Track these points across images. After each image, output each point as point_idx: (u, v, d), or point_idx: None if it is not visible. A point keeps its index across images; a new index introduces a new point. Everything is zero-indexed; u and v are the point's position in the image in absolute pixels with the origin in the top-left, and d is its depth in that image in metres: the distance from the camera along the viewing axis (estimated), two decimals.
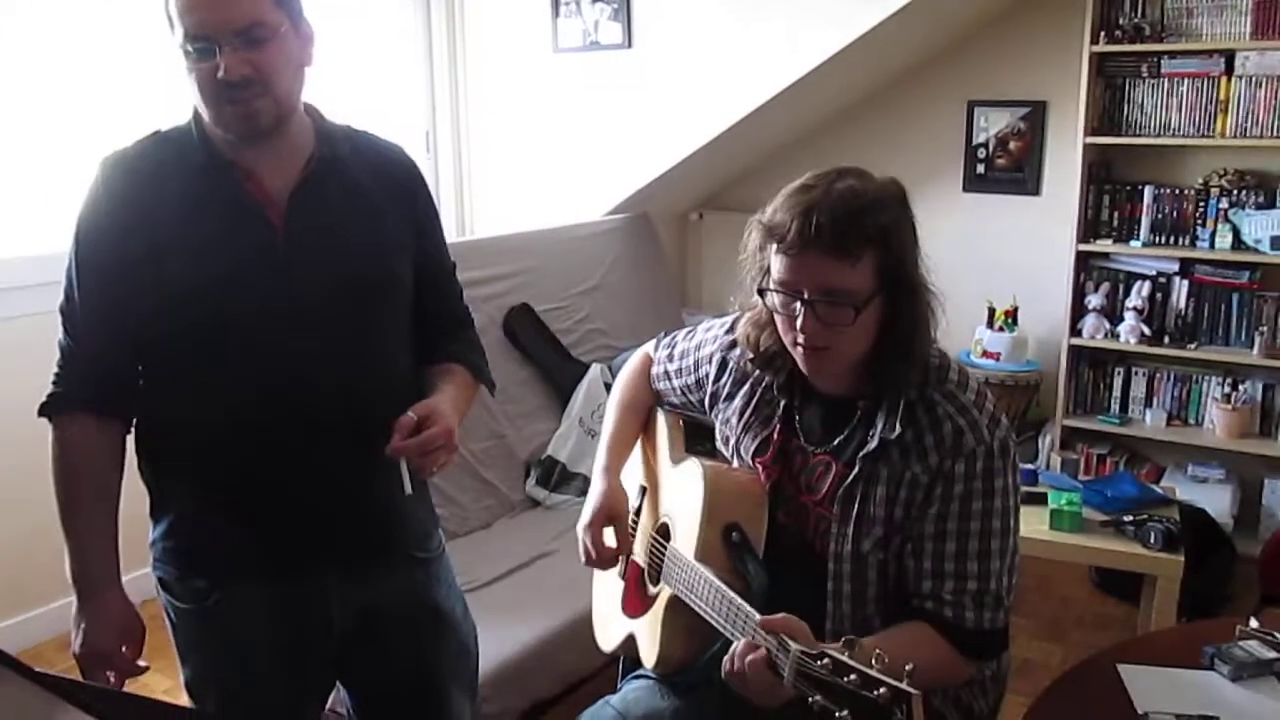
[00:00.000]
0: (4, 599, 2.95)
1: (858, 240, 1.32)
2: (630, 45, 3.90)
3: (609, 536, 1.64)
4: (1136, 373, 3.83)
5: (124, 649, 1.46)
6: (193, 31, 1.31)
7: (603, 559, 1.64)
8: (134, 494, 1.50)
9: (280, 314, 1.39)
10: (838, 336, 1.36)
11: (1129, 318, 3.71)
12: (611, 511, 1.65)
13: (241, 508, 1.43)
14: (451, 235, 4.23)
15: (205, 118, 1.39)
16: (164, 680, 2.59)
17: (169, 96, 2.59)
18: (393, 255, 1.50)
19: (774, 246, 1.38)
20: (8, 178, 3.05)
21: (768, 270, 1.41)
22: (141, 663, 1.49)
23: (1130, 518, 2.71)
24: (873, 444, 1.41)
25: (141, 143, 1.44)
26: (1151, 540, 2.62)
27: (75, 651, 1.44)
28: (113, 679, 1.46)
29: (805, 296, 1.35)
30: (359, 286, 1.45)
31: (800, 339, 1.38)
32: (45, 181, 3.05)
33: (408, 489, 1.39)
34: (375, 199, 1.49)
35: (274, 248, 1.39)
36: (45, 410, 1.43)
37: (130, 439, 1.49)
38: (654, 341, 1.82)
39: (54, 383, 1.44)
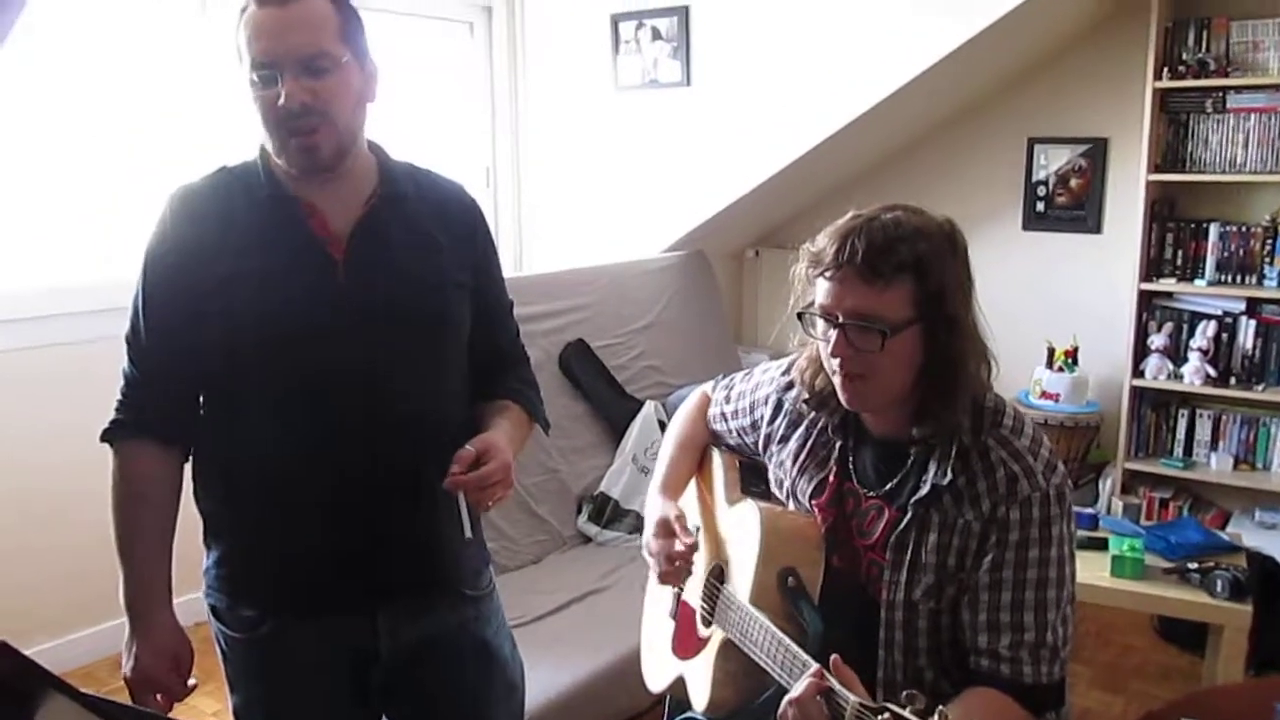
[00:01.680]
0: (59, 618, 3.03)
1: (889, 265, 1.33)
2: (689, 83, 3.93)
3: (676, 543, 1.59)
4: (1201, 415, 3.74)
5: (173, 673, 1.48)
6: (258, 59, 1.35)
7: (673, 560, 1.58)
8: (190, 518, 1.52)
9: (338, 348, 1.41)
10: (871, 364, 1.36)
11: (1193, 358, 3.63)
12: (671, 518, 1.61)
13: (294, 539, 1.45)
14: (509, 271, 4.25)
15: (270, 151, 1.42)
16: (213, 703, 2.62)
17: (236, 133, 2.66)
18: (450, 292, 1.52)
19: (815, 271, 1.40)
20: (79, 207, 3.15)
21: (814, 299, 1.42)
22: (190, 681, 1.50)
23: (1195, 565, 2.64)
24: (924, 489, 1.39)
25: (208, 177, 1.48)
26: (1217, 589, 2.54)
27: (126, 675, 1.47)
28: (160, 701, 1.48)
29: (839, 320, 1.36)
30: (417, 322, 1.47)
31: (835, 365, 1.38)
32: (113, 211, 3.15)
33: (468, 533, 1.40)
34: (435, 236, 1.51)
35: (334, 282, 1.42)
36: (107, 436, 1.46)
37: (187, 467, 1.52)
38: (712, 382, 1.82)
39: (116, 409, 1.47)
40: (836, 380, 1.41)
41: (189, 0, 3.28)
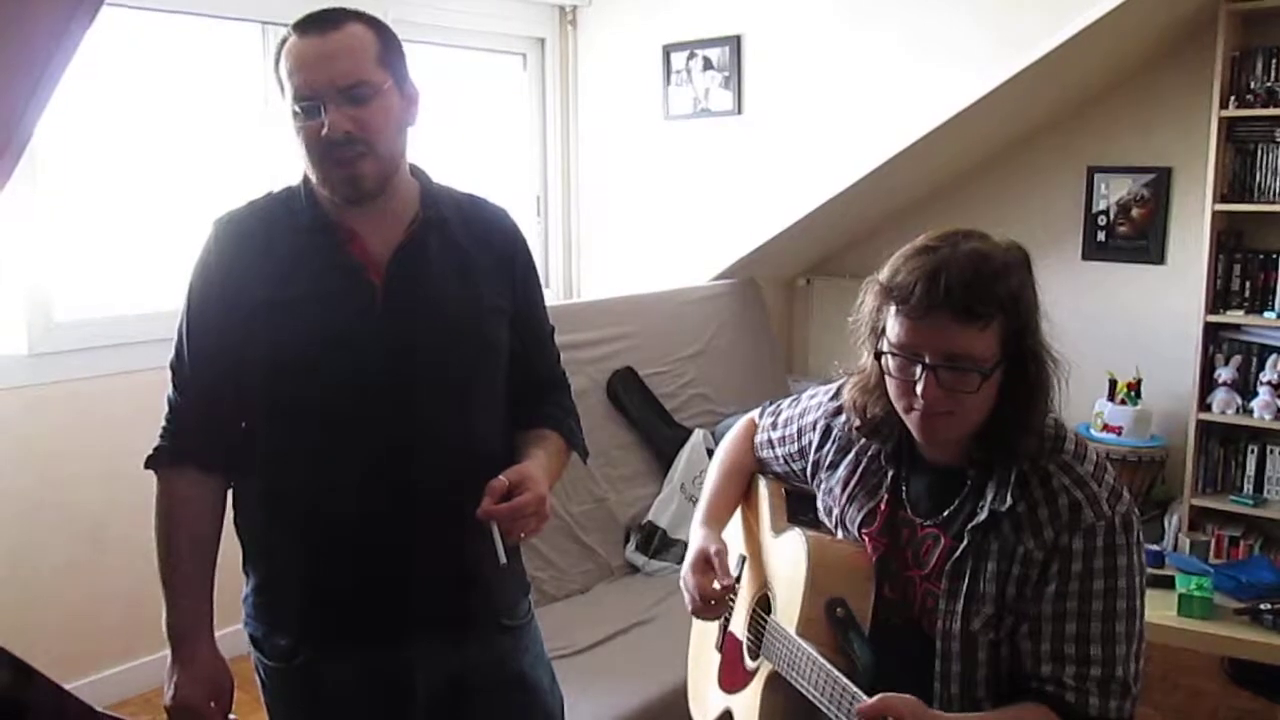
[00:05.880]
0: (123, 644, 3.06)
1: (988, 304, 1.27)
2: (740, 112, 3.92)
3: (712, 581, 1.56)
4: (1272, 450, 3.61)
5: (212, 703, 1.47)
6: (300, 92, 1.36)
7: (706, 598, 1.55)
8: (236, 549, 1.52)
9: (376, 374, 1.41)
10: (958, 403, 1.31)
11: (1263, 392, 3.52)
12: (711, 554, 1.57)
13: (328, 567, 1.44)
14: (559, 298, 4.31)
15: (313, 179, 1.43)
16: None
17: (278, 163, 2.67)
18: (490, 318, 1.51)
19: (893, 308, 1.33)
20: (138, 237, 3.21)
21: (883, 332, 1.36)
22: (232, 717, 1.49)
23: (1268, 606, 2.55)
24: (982, 515, 1.34)
25: (252, 203, 1.49)
26: None
27: (166, 704, 1.46)
28: None
29: (927, 361, 1.30)
30: (455, 348, 1.46)
31: (918, 405, 1.32)
32: (174, 240, 3.19)
33: (502, 559, 1.37)
34: (475, 261, 1.50)
35: (373, 308, 1.41)
36: (151, 463, 1.47)
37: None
38: (759, 409, 1.78)
39: (160, 436, 1.48)
40: (912, 416, 1.35)
41: (251, 31, 3.36)
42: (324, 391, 1.40)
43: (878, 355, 1.37)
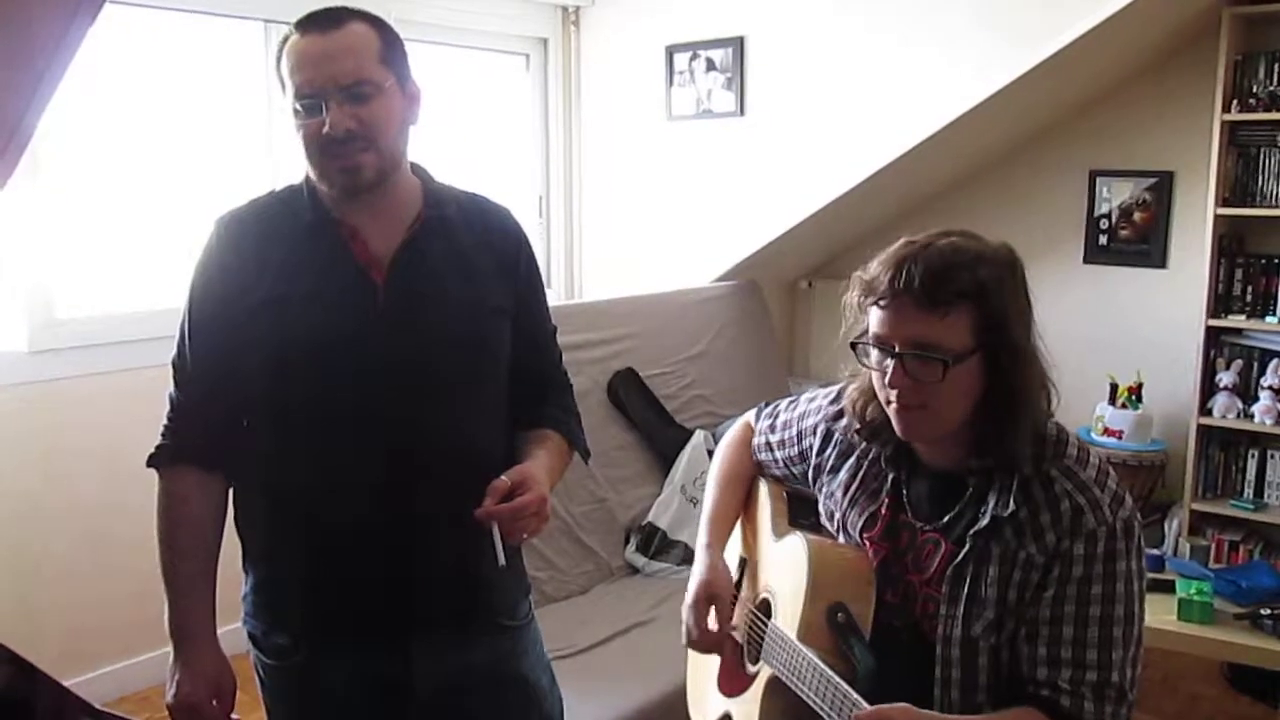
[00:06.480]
0: (124, 641, 3.06)
1: (949, 293, 1.28)
2: (743, 113, 3.92)
3: (711, 618, 1.58)
4: (1272, 455, 3.61)
5: (215, 702, 1.46)
6: (302, 90, 1.36)
7: (704, 641, 1.58)
8: (237, 546, 1.52)
9: (377, 374, 1.40)
10: (930, 395, 1.31)
11: (1264, 397, 3.52)
12: (713, 590, 1.59)
13: (329, 567, 1.44)
14: (561, 299, 4.31)
15: (312, 176, 1.43)
16: None
17: (280, 163, 2.65)
18: (491, 318, 1.50)
19: (870, 300, 1.35)
20: (143, 234, 3.21)
21: (866, 328, 1.37)
22: (234, 716, 1.49)
23: (1268, 611, 2.54)
24: (984, 521, 1.34)
25: (254, 202, 1.49)
26: None
27: (168, 702, 1.46)
28: None
29: (895, 350, 1.31)
30: (456, 348, 1.45)
31: (891, 395, 1.34)
32: (178, 237, 3.19)
33: (501, 560, 1.36)
34: (477, 261, 1.50)
35: (374, 307, 1.41)
36: (152, 461, 1.47)
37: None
38: (754, 411, 1.78)
39: (162, 435, 1.47)
40: (891, 411, 1.37)
41: (254, 29, 3.36)
42: (325, 391, 1.40)
43: (854, 345, 1.39)
